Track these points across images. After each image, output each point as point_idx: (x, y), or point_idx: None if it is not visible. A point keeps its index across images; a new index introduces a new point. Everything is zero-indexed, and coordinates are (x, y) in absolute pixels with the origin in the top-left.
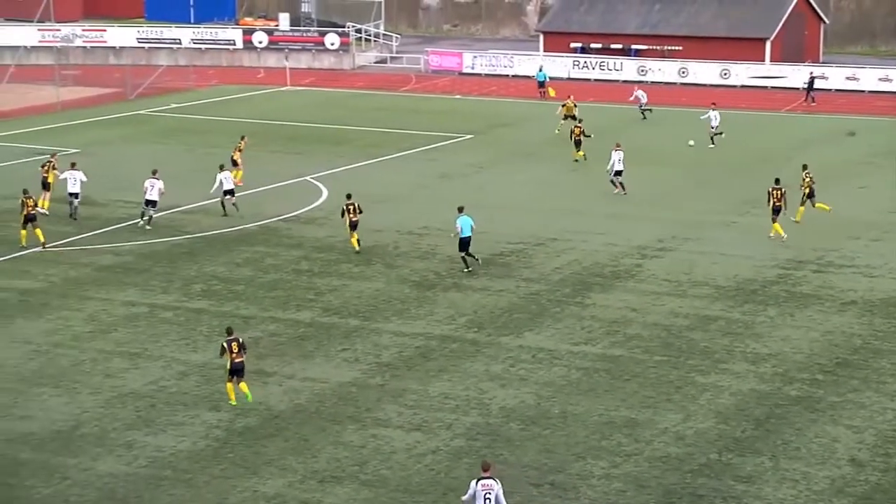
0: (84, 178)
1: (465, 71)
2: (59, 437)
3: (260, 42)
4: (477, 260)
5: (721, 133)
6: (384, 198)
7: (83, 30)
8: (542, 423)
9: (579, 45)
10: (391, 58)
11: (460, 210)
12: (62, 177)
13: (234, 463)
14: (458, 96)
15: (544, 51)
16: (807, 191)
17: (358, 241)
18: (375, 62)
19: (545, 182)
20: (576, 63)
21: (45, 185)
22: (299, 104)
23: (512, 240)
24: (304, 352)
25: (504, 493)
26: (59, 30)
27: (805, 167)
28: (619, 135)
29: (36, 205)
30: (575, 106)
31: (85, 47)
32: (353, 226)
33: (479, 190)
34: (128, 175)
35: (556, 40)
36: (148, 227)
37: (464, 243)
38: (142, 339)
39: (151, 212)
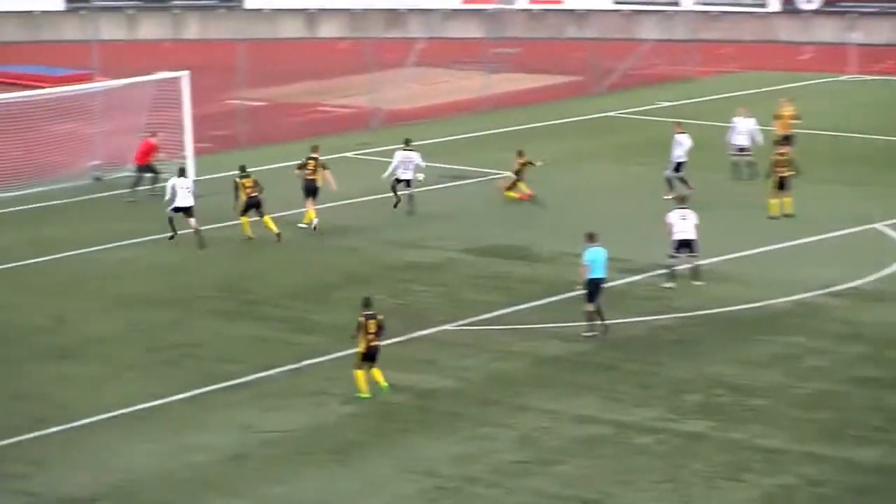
0: (192, 186)
1: None
2: None
3: (809, 2)
4: (605, 324)
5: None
6: None
7: None
8: None
9: None
10: None
11: (591, 238)
12: (169, 184)
13: None
14: None
15: None
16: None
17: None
18: None
19: None
20: None
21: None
22: (870, 103)
23: None
24: None
25: None
26: None
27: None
28: None
29: (256, 185)
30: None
31: (531, 11)
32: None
33: None
34: (587, 214)
35: None
36: (669, 286)
37: (594, 288)
38: (603, 477)
39: None
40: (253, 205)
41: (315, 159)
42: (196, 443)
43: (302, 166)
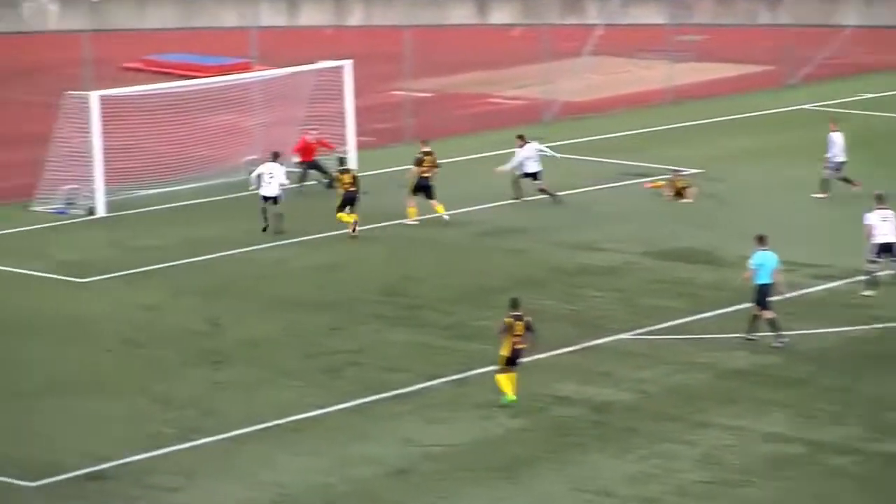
0: (284, 178)
1: None
2: None
3: None
4: (750, 337)
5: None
6: None
7: None
8: None
9: None
10: None
11: (761, 241)
12: (255, 173)
13: None
14: None
15: None
16: None
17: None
18: None
19: None
20: None
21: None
22: None
23: None
24: None
25: None
26: None
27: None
28: None
29: (355, 181)
30: None
31: None
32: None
33: None
34: (777, 215)
35: None
36: (869, 294)
37: (762, 294)
38: (794, 500)
39: None
40: (349, 200)
41: (431, 155)
42: (356, 456)
43: (420, 162)
